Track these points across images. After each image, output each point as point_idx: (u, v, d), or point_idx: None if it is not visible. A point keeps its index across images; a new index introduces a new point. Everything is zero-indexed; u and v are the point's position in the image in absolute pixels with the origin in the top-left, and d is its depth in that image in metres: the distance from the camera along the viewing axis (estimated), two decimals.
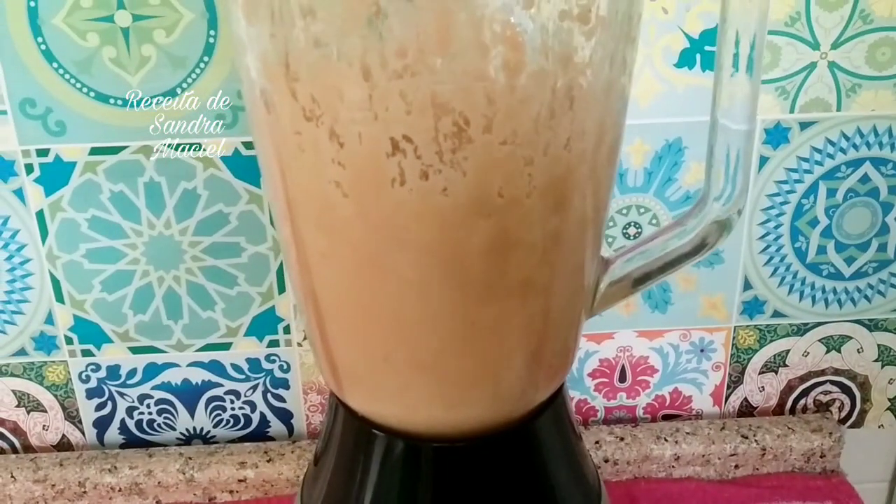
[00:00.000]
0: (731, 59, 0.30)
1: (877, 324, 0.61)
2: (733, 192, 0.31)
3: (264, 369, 0.59)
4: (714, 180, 0.31)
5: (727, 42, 0.29)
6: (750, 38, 0.29)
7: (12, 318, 0.57)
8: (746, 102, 0.30)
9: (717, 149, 0.31)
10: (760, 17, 0.29)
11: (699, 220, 0.31)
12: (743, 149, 0.30)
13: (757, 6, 0.29)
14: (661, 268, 0.32)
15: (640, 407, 0.63)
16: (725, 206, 0.31)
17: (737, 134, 0.30)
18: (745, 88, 0.30)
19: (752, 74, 0.30)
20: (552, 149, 0.26)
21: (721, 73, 0.30)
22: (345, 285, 0.30)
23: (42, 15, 0.49)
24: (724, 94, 0.30)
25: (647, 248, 0.33)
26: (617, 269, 0.33)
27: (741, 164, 0.31)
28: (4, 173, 0.53)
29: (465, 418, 0.31)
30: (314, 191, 0.27)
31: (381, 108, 0.25)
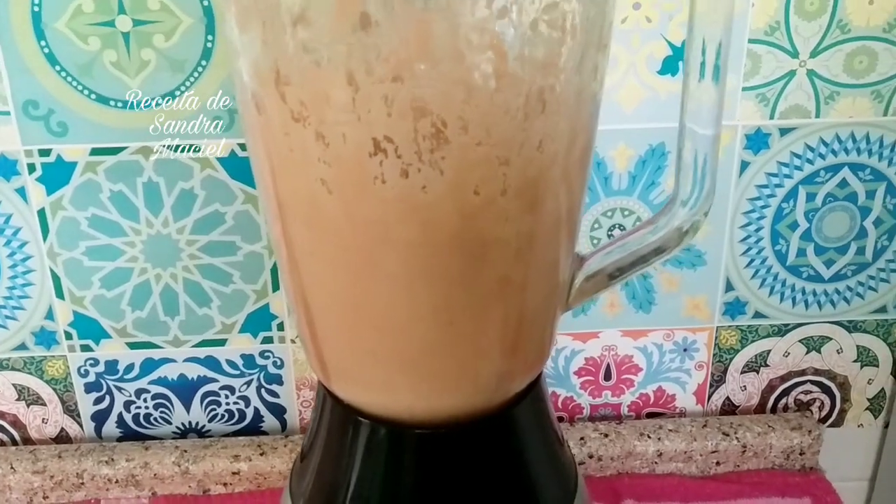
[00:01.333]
0: (698, 66, 0.31)
1: (856, 325, 0.62)
2: (700, 195, 0.32)
3: (258, 365, 0.61)
4: (682, 183, 0.32)
5: (694, 50, 0.31)
6: (716, 47, 0.31)
7: (13, 313, 0.58)
8: (713, 108, 0.32)
9: (686, 152, 0.32)
10: (725, 27, 0.31)
11: (668, 218, 0.33)
12: (710, 152, 0.32)
13: (722, 16, 0.31)
14: (633, 263, 0.34)
15: (625, 405, 0.64)
16: (692, 210, 0.33)
17: (703, 138, 0.32)
18: (712, 94, 0.31)
19: (717, 81, 0.31)
20: (525, 150, 0.28)
21: (689, 80, 0.32)
22: (332, 281, 0.32)
23: (45, 19, 0.51)
24: (691, 100, 0.32)
25: (621, 244, 0.34)
26: (592, 265, 0.34)
27: (708, 168, 0.32)
28: (7, 172, 0.55)
29: (447, 406, 0.33)
30: (302, 189, 0.29)
31: (364, 110, 0.26)
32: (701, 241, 0.59)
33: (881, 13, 0.53)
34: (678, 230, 0.33)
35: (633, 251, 0.34)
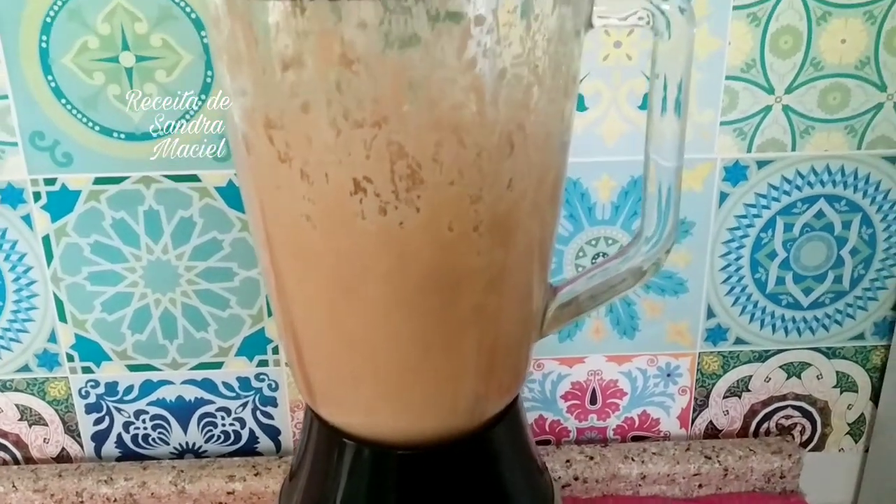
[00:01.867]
0: (660, 101, 0.33)
1: (834, 352, 0.64)
2: (663, 233, 0.34)
3: (254, 388, 0.63)
4: (648, 217, 0.34)
5: (657, 86, 0.33)
6: (677, 83, 0.33)
7: (17, 335, 0.61)
8: (675, 140, 0.34)
9: (650, 183, 0.34)
10: (686, 65, 0.33)
11: (636, 251, 0.35)
12: (673, 184, 0.34)
13: (683, 55, 0.32)
14: (603, 292, 0.36)
15: (611, 428, 0.66)
16: (654, 248, 0.35)
17: (667, 170, 0.34)
18: (674, 127, 0.33)
19: (679, 115, 0.33)
20: (496, 189, 0.30)
21: (652, 114, 0.34)
22: (316, 309, 0.34)
23: (53, 55, 0.53)
24: (655, 133, 0.34)
25: (592, 275, 0.36)
26: (564, 294, 0.36)
27: (672, 199, 0.34)
28: (14, 200, 0.57)
29: (426, 428, 0.35)
30: (288, 223, 0.31)
31: (345, 153, 0.28)
32: (683, 270, 0.61)
33: (853, 51, 0.55)
34: (639, 268, 0.35)
35: (603, 281, 0.36)
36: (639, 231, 0.35)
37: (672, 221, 0.34)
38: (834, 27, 0.55)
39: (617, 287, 0.36)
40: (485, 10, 0.28)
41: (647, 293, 0.61)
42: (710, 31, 0.54)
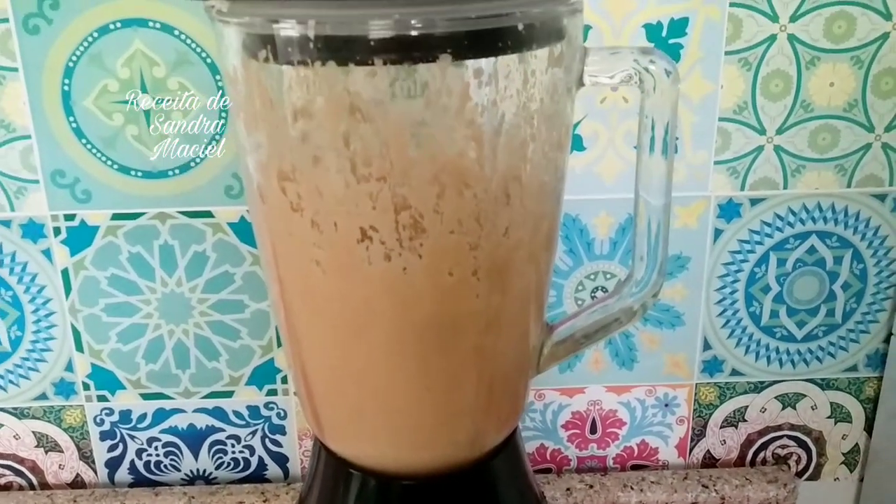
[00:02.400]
0: (648, 142, 0.35)
1: (828, 383, 0.66)
2: (654, 267, 0.36)
3: (263, 416, 0.65)
4: (638, 257, 0.36)
5: (645, 127, 0.35)
6: (664, 125, 0.35)
7: (36, 365, 0.63)
8: (662, 179, 0.36)
9: (640, 220, 0.36)
10: (672, 107, 0.35)
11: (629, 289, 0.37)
12: (661, 220, 0.36)
13: (669, 99, 0.35)
14: (597, 331, 0.38)
15: (611, 457, 0.68)
16: (646, 289, 0.37)
17: (655, 208, 0.36)
18: (661, 167, 0.35)
19: (666, 155, 0.35)
20: (493, 237, 0.32)
21: (641, 154, 0.36)
22: (324, 346, 0.36)
23: (74, 97, 0.56)
24: (644, 172, 0.36)
25: (587, 313, 0.38)
26: (559, 333, 0.38)
27: (661, 236, 0.36)
28: (35, 235, 0.59)
29: (429, 460, 0.37)
30: (299, 267, 0.33)
31: (353, 204, 0.31)
32: (679, 303, 0.63)
33: (841, 94, 0.57)
34: (630, 308, 0.37)
35: (597, 320, 0.38)
36: (630, 273, 0.37)
37: (661, 257, 0.36)
38: (822, 71, 0.57)
39: (610, 326, 0.38)
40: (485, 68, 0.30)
41: (644, 326, 0.63)
42: (703, 74, 0.57)
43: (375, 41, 0.28)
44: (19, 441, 0.65)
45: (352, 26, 0.28)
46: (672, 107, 0.35)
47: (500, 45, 0.30)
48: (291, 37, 0.29)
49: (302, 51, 0.29)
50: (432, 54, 0.28)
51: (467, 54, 0.29)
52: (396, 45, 0.29)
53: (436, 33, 0.29)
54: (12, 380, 0.63)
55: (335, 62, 0.29)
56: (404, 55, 0.28)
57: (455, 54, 0.28)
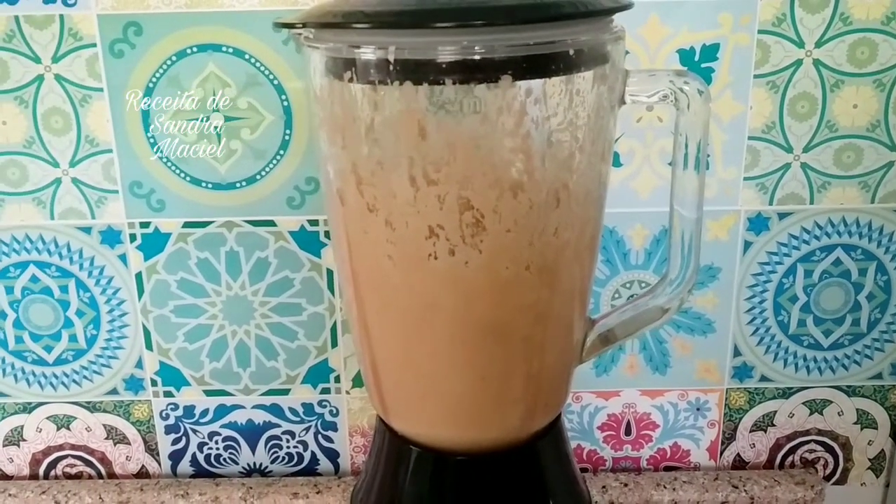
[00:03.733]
0: (682, 158, 0.39)
1: (854, 390, 0.69)
2: (686, 273, 0.40)
3: (317, 413, 0.69)
4: (672, 262, 0.40)
5: (679, 145, 0.39)
6: (697, 143, 0.39)
7: (109, 362, 0.68)
8: (695, 193, 0.39)
9: (674, 232, 0.40)
10: (704, 127, 0.39)
11: (662, 290, 0.41)
12: (694, 232, 0.40)
13: (701, 117, 0.39)
14: (635, 326, 0.42)
15: (644, 458, 0.71)
16: (679, 288, 0.41)
17: (688, 220, 0.40)
18: (694, 182, 0.39)
19: (698, 171, 0.39)
20: (544, 236, 0.36)
21: (675, 170, 0.40)
22: (392, 336, 0.40)
23: (152, 115, 0.61)
24: (677, 187, 0.40)
25: (624, 310, 0.42)
26: (600, 326, 0.42)
27: (693, 246, 0.40)
28: (113, 241, 0.64)
29: (482, 439, 0.41)
30: (372, 263, 0.38)
31: (422, 205, 0.35)
32: (711, 312, 0.66)
33: (864, 115, 0.61)
34: (664, 306, 0.41)
35: (633, 316, 0.42)
36: (665, 273, 0.41)
37: (693, 265, 0.40)
38: (846, 93, 0.60)
39: (645, 321, 0.41)
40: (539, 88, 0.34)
41: (677, 332, 0.67)
42: (733, 96, 0.61)
43: (445, 64, 0.33)
44: (90, 433, 0.70)
45: (425, 51, 0.33)
46: (704, 125, 0.39)
47: (553, 67, 0.34)
48: (371, 60, 0.34)
49: (380, 72, 0.34)
50: (495, 76, 0.33)
51: (524, 76, 0.33)
52: (463, 68, 0.33)
53: (497, 58, 0.33)
54: (87, 375, 0.68)
55: (411, 82, 0.33)
56: (470, 76, 0.33)
57: (514, 75, 0.33)
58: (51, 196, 0.63)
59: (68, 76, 0.60)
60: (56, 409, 0.69)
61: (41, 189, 0.63)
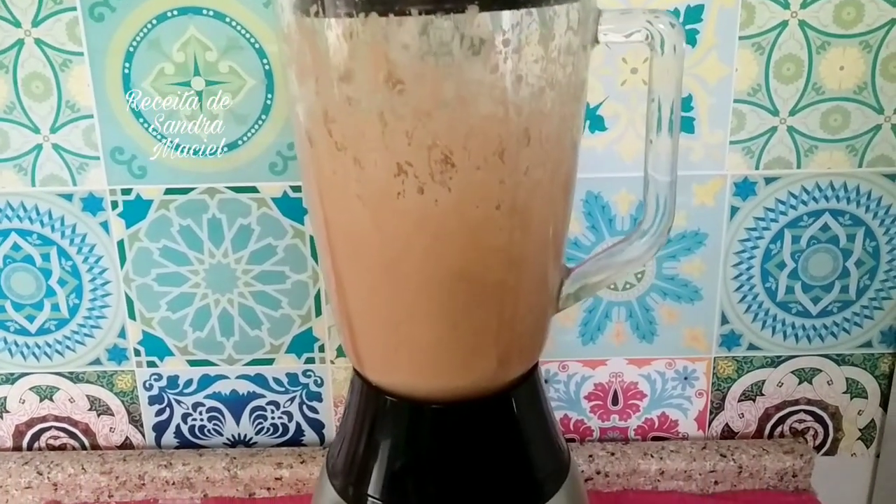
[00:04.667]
0: (655, 122, 0.39)
1: (844, 358, 0.68)
2: (659, 227, 0.40)
3: (301, 383, 0.69)
4: (648, 213, 0.40)
5: (653, 109, 0.39)
6: (669, 105, 0.39)
7: (91, 331, 0.67)
8: (669, 156, 0.39)
9: (649, 195, 0.40)
10: (676, 89, 0.38)
11: (637, 239, 0.41)
12: (668, 195, 0.40)
13: (674, 80, 0.38)
14: (609, 274, 0.41)
15: (632, 429, 0.70)
16: (652, 238, 0.40)
17: (662, 184, 0.39)
18: (667, 145, 0.39)
19: (672, 133, 0.39)
20: (515, 175, 0.36)
21: (649, 134, 0.39)
22: (365, 282, 0.39)
23: (133, 79, 0.61)
24: (651, 151, 0.39)
25: (599, 258, 0.42)
26: (576, 275, 0.42)
27: (667, 208, 0.40)
28: (94, 208, 0.64)
29: (457, 387, 0.40)
30: (343, 205, 0.37)
31: (390, 142, 0.34)
32: (698, 279, 0.66)
33: (851, 77, 0.61)
34: (638, 256, 0.40)
35: (608, 262, 0.42)
36: (640, 223, 0.40)
37: (665, 225, 0.40)
38: (833, 55, 0.60)
39: (620, 269, 0.41)
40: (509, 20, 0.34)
41: (664, 300, 0.66)
42: (718, 58, 0.60)
43: None
44: (74, 404, 0.69)
45: None
46: (677, 81, 0.38)
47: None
48: None
49: (346, 4, 0.33)
50: (461, 5, 0.32)
51: (493, 6, 0.33)
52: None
53: None
54: (69, 345, 0.68)
55: (376, 13, 0.33)
56: (436, 6, 0.32)
57: (482, 5, 0.32)
58: (32, 162, 0.63)
59: (48, 40, 0.60)
60: (39, 380, 0.69)
61: (22, 155, 0.63)
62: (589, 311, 0.66)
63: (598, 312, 0.66)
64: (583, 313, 0.67)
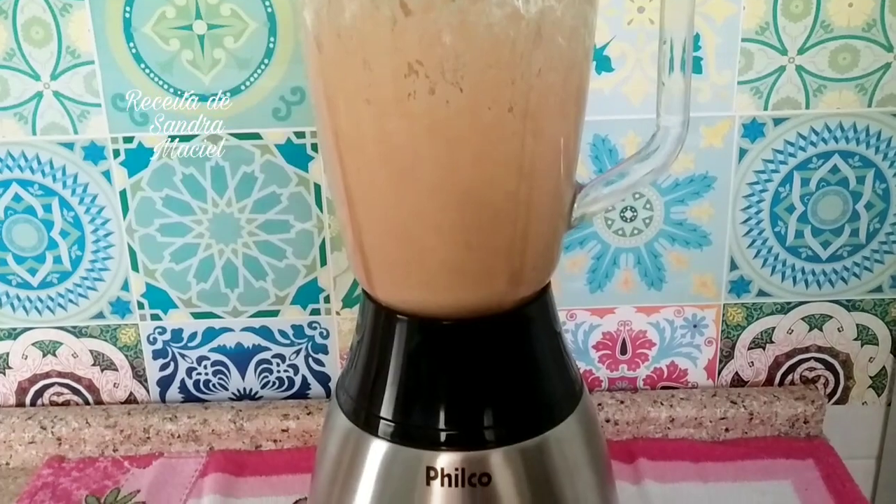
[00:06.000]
0: (668, 61, 0.38)
1: (854, 304, 0.67)
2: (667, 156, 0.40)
3: (307, 335, 0.68)
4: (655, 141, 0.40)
5: (664, 48, 0.38)
6: (682, 44, 0.38)
7: (94, 284, 0.67)
8: (682, 96, 0.39)
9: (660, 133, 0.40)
10: (689, 26, 0.38)
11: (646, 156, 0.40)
12: (678, 134, 0.39)
13: (686, 17, 0.38)
14: (624, 188, 0.41)
15: (641, 378, 0.70)
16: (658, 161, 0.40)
17: (673, 126, 0.39)
18: (680, 84, 0.39)
19: (684, 72, 0.38)
20: (527, 76, 0.35)
21: (661, 74, 0.39)
22: (374, 196, 0.39)
23: (134, 24, 0.60)
24: (664, 91, 0.39)
25: (614, 172, 0.41)
26: (587, 190, 0.41)
27: (676, 147, 0.39)
28: (96, 157, 0.63)
29: (468, 303, 0.39)
30: (352, 111, 0.36)
31: (401, 41, 0.34)
32: (706, 223, 0.65)
33: (860, 14, 0.60)
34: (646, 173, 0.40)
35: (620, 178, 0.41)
36: (647, 145, 0.40)
37: (672, 156, 0.40)
38: None
39: (632, 184, 0.41)
40: None
41: (672, 246, 0.66)
42: None
43: None
44: (77, 360, 0.69)
45: None
46: (688, 19, 0.38)
47: None
48: None
49: None
50: None
51: None
52: None
53: None
54: (72, 299, 0.67)
55: None
56: None
57: None
58: (32, 111, 0.62)
59: None
60: (42, 335, 0.68)
61: (23, 104, 0.62)
62: (596, 257, 0.66)
63: (605, 259, 0.66)
64: (591, 260, 0.66)
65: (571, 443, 0.42)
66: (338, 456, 0.43)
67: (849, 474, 0.61)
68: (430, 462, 0.40)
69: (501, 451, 0.40)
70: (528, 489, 0.41)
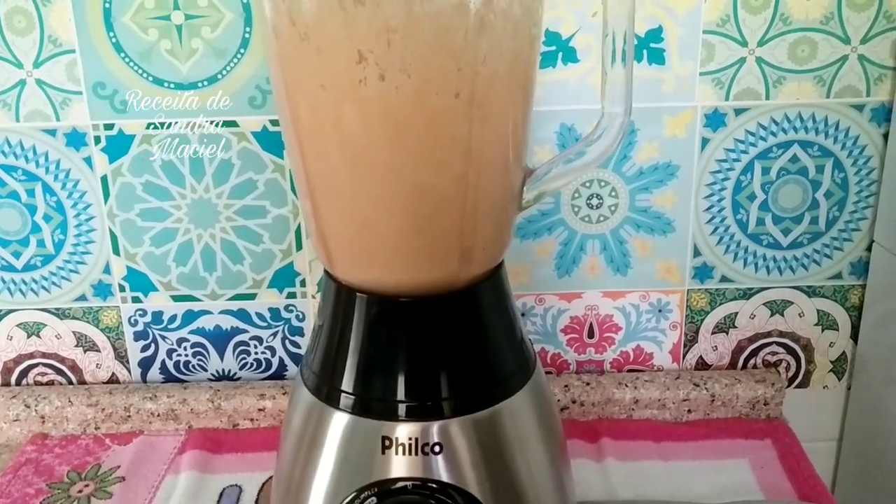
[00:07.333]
0: (610, 53, 0.40)
1: (814, 290, 0.70)
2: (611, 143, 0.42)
3: (283, 318, 0.70)
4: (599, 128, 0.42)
5: (607, 41, 0.40)
6: (622, 36, 0.40)
7: (77, 267, 0.69)
8: (623, 86, 0.41)
9: (604, 120, 0.42)
10: (629, 20, 0.40)
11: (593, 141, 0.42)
12: (622, 123, 0.41)
13: (626, 11, 0.40)
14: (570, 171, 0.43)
15: (608, 362, 0.72)
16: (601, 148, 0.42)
17: (616, 115, 0.41)
18: (621, 76, 0.41)
19: (625, 64, 0.40)
20: (472, 64, 0.37)
21: (604, 66, 0.41)
22: (333, 180, 0.41)
23: (114, 14, 0.62)
24: (607, 82, 0.41)
25: (561, 158, 0.43)
26: (538, 174, 0.43)
27: (620, 135, 0.41)
28: (77, 143, 0.65)
29: (423, 282, 0.41)
30: (309, 96, 0.38)
31: (352, 30, 0.36)
32: (670, 210, 0.67)
33: (818, 7, 0.62)
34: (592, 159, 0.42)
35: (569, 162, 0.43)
36: (592, 132, 0.42)
37: (615, 146, 0.42)
38: None
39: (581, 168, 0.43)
40: None
41: (637, 232, 0.68)
42: None
43: None
44: (60, 341, 0.71)
45: None
46: (629, 14, 0.40)
47: None
48: None
49: None
50: None
51: None
52: None
53: None
54: (55, 281, 0.69)
55: None
56: None
57: None
58: (16, 98, 0.64)
59: None
60: (26, 317, 0.70)
61: (6, 91, 0.64)
62: (564, 243, 0.68)
63: (572, 245, 0.68)
64: (558, 246, 0.68)
65: (523, 415, 0.44)
66: (301, 429, 0.45)
67: (804, 453, 0.63)
68: (386, 432, 0.42)
69: (454, 422, 0.42)
70: (481, 458, 0.43)
